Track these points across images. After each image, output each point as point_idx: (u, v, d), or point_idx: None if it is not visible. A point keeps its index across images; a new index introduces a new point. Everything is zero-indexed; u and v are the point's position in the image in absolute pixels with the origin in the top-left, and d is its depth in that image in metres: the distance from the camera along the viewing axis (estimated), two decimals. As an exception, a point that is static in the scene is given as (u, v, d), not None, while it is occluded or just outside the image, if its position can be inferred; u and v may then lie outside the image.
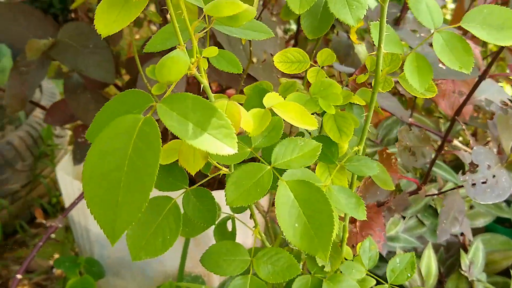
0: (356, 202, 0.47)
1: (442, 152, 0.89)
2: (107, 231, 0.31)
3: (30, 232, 1.40)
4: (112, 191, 0.30)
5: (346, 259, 0.61)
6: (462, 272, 0.99)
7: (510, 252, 1.10)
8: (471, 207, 1.13)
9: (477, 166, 0.62)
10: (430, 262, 1.00)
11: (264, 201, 0.98)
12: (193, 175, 0.40)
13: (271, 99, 0.40)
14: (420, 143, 0.76)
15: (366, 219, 0.47)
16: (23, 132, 1.41)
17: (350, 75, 0.86)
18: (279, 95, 0.48)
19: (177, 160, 0.45)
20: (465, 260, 1.00)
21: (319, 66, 0.51)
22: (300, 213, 0.37)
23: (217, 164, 0.42)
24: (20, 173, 1.38)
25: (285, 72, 0.50)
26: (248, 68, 0.63)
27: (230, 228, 0.59)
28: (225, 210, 0.59)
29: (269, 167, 0.39)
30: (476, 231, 1.17)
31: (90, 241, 1.00)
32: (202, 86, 0.39)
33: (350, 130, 0.48)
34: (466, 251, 1.04)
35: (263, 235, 0.55)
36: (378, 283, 0.59)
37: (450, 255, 1.08)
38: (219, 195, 0.44)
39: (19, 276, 0.76)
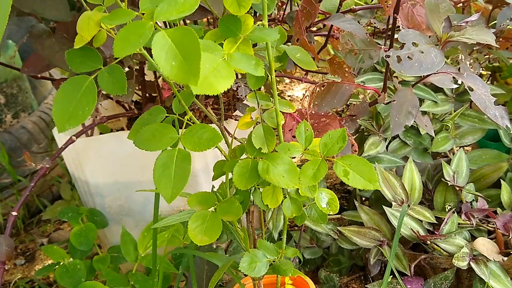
0: (256, 63, 0.51)
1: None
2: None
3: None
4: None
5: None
6: (446, 181, 1.01)
7: (501, 164, 1.10)
8: (457, 126, 1.15)
9: (404, 45, 0.66)
10: (412, 175, 1.02)
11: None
12: (89, 39, 0.46)
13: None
14: (367, 46, 0.79)
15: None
16: (36, 117, 1.52)
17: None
18: None
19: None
20: (447, 169, 1.02)
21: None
22: (177, 53, 0.42)
23: (110, 30, 0.48)
24: (36, 154, 1.48)
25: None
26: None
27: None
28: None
29: (151, 22, 0.44)
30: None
31: (91, 193, 1.07)
32: None
33: (248, 4, 0.53)
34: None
35: (195, 120, 0.60)
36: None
37: (438, 171, 1.10)
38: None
39: (14, 213, 0.84)
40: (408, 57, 0.65)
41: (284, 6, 1.12)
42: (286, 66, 0.65)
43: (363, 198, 1.17)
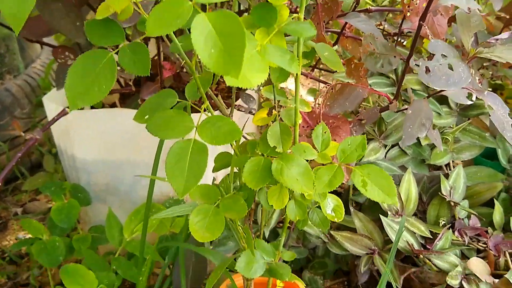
0: (291, 58, 0.48)
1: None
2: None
3: (29, 177, 1.44)
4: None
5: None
6: (443, 196, 1.00)
7: (495, 184, 1.10)
8: (456, 141, 1.13)
9: (434, 55, 0.63)
10: (409, 186, 1.00)
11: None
12: (118, 12, 0.42)
13: None
14: (387, 51, 0.76)
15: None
16: (21, 81, 1.45)
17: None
18: None
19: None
20: (445, 184, 1.01)
21: None
22: (217, 40, 0.39)
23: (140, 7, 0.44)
24: (18, 120, 1.42)
25: None
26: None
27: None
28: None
29: (190, 2, 0.40)
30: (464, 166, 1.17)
31: (76, 169, 1.03)
32: None
33: (287, -7, 0.49)
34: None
35: (211, 110, 0.57)
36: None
37: (433, 185, 1.09)
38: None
39: (-2, 183, 0.79)
40: (436, 68, 0.62)
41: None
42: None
43: (354, 203, 1.15)
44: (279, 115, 0.62)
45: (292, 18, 0.51)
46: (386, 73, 1.07)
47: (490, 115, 0.70)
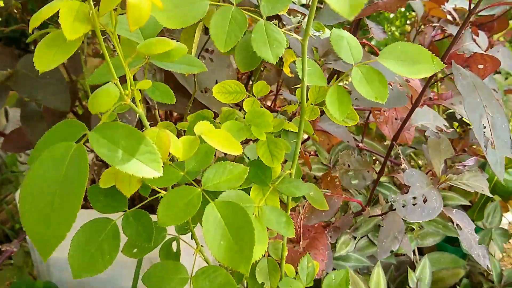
0: (286, 221, 0.50)
1: (390, 174, 0.94)
2: (40, 248, 0.34)
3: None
4: (45, 211, 0.33)
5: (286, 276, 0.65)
6: (410, 289, 1.04)
7: (458, 270, 1.15)
8: (421, 227, 1.19)
9: (409, 187, 0.67)
10: (379, 280, 1.04)
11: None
12: (128, 195, 0.44)
13: (201, 126, 0.44)
14: (361, 167, 0.81)
15: (306, 239, 0.51)
16: (-14, 158, 1.42)
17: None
18: (219, 122, 0.53)
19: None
20: (412, 277, 1.05)
21: (255, 97, 0.56)
22: (226, 231, 0.41)
23: (154, 187, 0.45)
24: (-19, 198, 1.38)
25: (223, 102, 0.54)
26: (193, 98, 0.67)
27: (175, 249, 0.62)
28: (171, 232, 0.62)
29: (199, 189, 0.43)
30: (427, 250, 1.23)
31: (49, 265, 1.01)
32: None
33: (281, 155, 0.53)
34: (414, 269, 1.09)
35: (205, 254, 0.58)
36: (316, 298, 0.63)
37: (400, 273, 1.13)
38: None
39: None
40: (412, 200, 0.67)
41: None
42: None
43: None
44: (267, 251, 0.64)
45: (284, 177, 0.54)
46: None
47: (458, 235, 0.74)
